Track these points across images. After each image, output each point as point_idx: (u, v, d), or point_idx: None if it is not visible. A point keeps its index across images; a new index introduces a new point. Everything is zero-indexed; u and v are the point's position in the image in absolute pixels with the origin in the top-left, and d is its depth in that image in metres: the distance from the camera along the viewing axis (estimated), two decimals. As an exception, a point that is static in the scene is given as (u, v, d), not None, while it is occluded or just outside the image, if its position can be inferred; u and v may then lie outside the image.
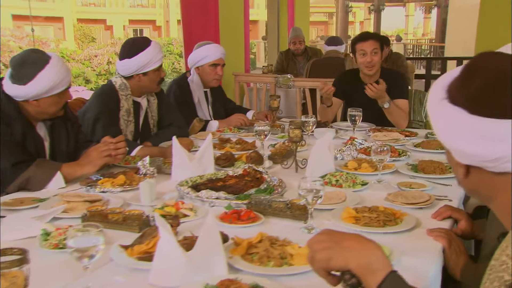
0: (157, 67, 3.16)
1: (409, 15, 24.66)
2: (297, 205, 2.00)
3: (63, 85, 2.48)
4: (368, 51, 3.73)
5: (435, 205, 2.09)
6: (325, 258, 1.05)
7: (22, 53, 2.48)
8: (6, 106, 2.42)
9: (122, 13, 35.24)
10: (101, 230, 1.41)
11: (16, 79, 2.41)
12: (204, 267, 1.51)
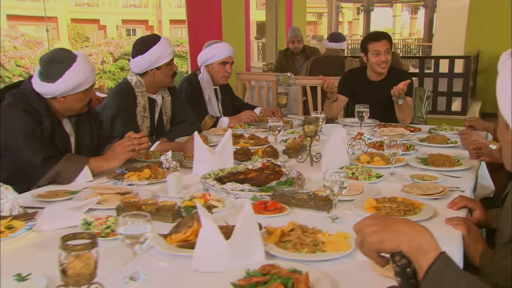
0: (169, 61, 3.21)
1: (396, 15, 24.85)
2: (320, 196, 2.05)
3: (89, 82, 2.52)
4: (382, 51, 3.80)
5: (448, 196, 2.16)
6: (377, 240, 1.11)
7: (50, 52, 2.51)
8: (36, 103, 2.46)
9: (115, 13, 35.10)
10: (149, 219, 1.45)
11: (45, 77, 2.44)
12: (243, 254, 1.56)
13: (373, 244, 1.12)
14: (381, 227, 1.12)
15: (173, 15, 33.75)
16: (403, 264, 1.09)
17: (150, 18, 35.53)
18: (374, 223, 1.14)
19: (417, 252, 1.06)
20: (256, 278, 1.43)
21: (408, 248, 1.07)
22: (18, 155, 2.40)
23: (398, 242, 1.08)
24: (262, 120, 3.82)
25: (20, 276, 1.48)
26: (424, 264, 1.05)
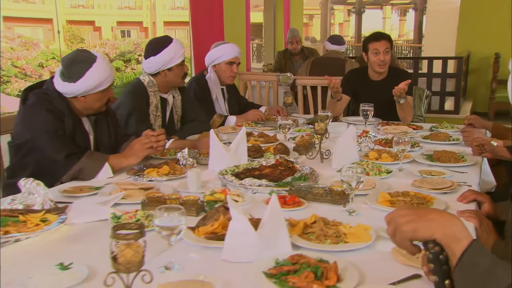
0: (180, 62, 3.25)
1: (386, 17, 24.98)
2: (335, 191, 2.10)
3: (108, 82, 2.55)
4: (381, 50, 3.86)
5: (457, 190, 2.22)
6: (411, 229, 1.16)
7: (72, 53, 2.55)
8: (58, 102, 2.49)
9: (110, 14, 34.95)
10: (183, 212, 1.49)
11: (66, 77, 2.48)
12: (271, 244, 1.60)
13: (407, 233, 1.16)
14: (415, 217, 1.17)
15: (167, 17, 33.68)
16: (436, 251, 1.14)
17: (145, 20, 35.41)
18: (407, 213, 1.19)
19: (451, 240, 1.11)
20: (286, 267, 1.48)
21: (441, 236, 1.12)
22: (42, 153, 2.43)
23: (432, 230, 1.13)
24: (268, 118, 3.87)
25: (62, 265, 1.52)
26: (458, 251, 1.10)
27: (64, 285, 1.42)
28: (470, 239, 1.10)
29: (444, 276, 1.13)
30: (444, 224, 1.13)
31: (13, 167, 2.55)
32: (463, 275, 1.09)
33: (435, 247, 1.14)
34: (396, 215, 1.21)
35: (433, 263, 1.14)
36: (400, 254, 1.59)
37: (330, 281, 1.40)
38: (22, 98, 2.50)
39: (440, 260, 1.14)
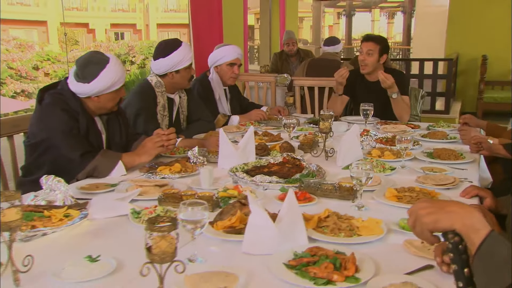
0: (188, 65, 3.28)
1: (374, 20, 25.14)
2: (344, 187, 2.15)
3: (120, 82, 2.58)
4: (364, 51, 3.92)
5: (459, 186, 2.27)
6: (432, 221, 1.20)
7: (86, 55, 2.57)
8: (72, 102, 2.51)
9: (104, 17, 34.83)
10: (206, 207, 1.53)
11: (81, 77, 2.50)
12: (289, 238, 1.65)
13: (428, 224, 1.21)
14: (436, 209, 1.21)
15: (160, 19, 33.65)
16: (456, 241, 1.18)
17: (138, 22, 35.34)
18: (427, 205, 1.23)
19: (470, 230, 1.15)
20: (306, 258, 1.52)
21: (461, 226, 1.16)
22: (58, 151, 2.45)
23: (452, 221, 1.17)
24: (270, 118, 3.91)
25: (91, 258, 1.55)
26: (477, 240, 1.14)
27: (94, 276, 1.45)
28: (488, 229, 1.15)
29: (463, 265, 1.17)
30: (463, 215, 1.17)
31: (29, 165, 2.57)
32: (481, 264, 1.13)
33: (454, 237, 1.18)
34: (417, 208, 1.25)
35: (453, 253, 1.19)
36: (412, 246, 1.64)
37: (349, 271, 1.45)
38: (38, 99, 2.53)
39: (460, 250, 1.18)
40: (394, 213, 1.95)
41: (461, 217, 1.17)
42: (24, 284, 1.42)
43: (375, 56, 3.93)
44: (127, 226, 1.88)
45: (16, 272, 1.42)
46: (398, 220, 1.84)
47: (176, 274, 1.23)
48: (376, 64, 3.96)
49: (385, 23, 25.81)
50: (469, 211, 1.18)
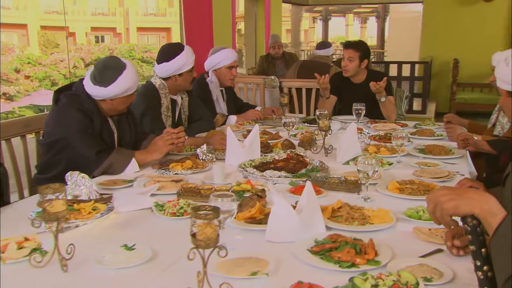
0: (190, 68, 3.33)
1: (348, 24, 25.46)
2: (350, 180, 2.24)
3: (135, 87, 2.62)
4: (346, 57, 4.05)
5: (454, 179, 2.38)
6: (453, 206, 1.29)
7: (104, 60, 2.60)
8: (87, 103, 2.55)
9: (84, 20, 34.41)
10: (234, 198, 1.60)
11: (98, 81, 2.53)
12: (309, 226, 1.73)
13: (449, 209, 1.30)
14: (456, 196, 1.30)
15: (140, 23, 33.41)
16: (474, 225, 1.28)
17: (118, 26, 35.06)
18: (448, 193, 1.32)
19: (488, 214, 1.25)
20: (328, 245, 1.61)
21: (479, 211, 1.26)
22: (74, 149, 2.49)
23: (472, 206, 1.27)
24: (266, 117, 3.99)
25: (127, 247, 1.61)
26: (494, 223, 1.24)
27: (134, 263, 1.51)
28: (504, 213, 1.24)
29: (481, 245, 1.27)
30: (481, 201, 1.27)
31: (45, 163, 2.60)
32: (498, 244, 1.23)
33: (473, 221, 1.28)
34: (437, 195, 1.34)
35: (471, 235, 1.28)
36: (421, 233, 1.74)
37: (369, 255, 1.53)
38: (54, 99, 2.56)
39: (478, 232, 1.27)
40: (398, 203, 2.05)
41: (480, 203, 1.26)
42: (70, 270, 1.48)
43: (356, 62, 4.05)
44: (151, 218, 1.94)
45: (63, 259, 1.48)
46: (405, 209, 1.94)
47: (224, 257, 1.30)
48: (358, 69, 4.08)
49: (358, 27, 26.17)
50: (486, 198, 1.28)
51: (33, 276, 1.47)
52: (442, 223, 1.35)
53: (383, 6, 15.15)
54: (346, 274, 1.44)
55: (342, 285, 1.37)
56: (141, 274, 1.48)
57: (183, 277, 1.45)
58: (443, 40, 9.35)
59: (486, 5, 9.27)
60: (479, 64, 9.32)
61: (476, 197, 1.28)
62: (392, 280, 1.32)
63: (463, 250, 1.57)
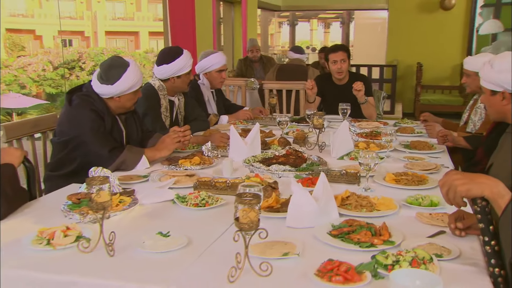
0: (188, 71, 3.42)
1: (312, 29, 25.82)
2: (350, 173, 2.38)
3: (139, 83, 2.71)
4: (338, 60, 4.21)
5: (440, 171, 2.55)
6: (465, 189, 1.44)
7: (108, 60, 2.67)
8: (98, 103, 2.61)
9: (51, 24, 33.70)
10: (261, 188, 1.71)
11: (105, 80, 2.60)
12: (325, 213, 1.86)
13: (462, 192, 1.44)
14: (468, 180, 1.45)
15: (108, 27, 32.98)
16: (484, 205, 1.43)
17: (86, 30, 34.52)
18: (461, 177, 1.47)
19: (497, 196, 1.40)
20: (345, 228, 1.74)
21: (489, 193, 1.41)
22: (87, 147, 2.55)
23: (482, 189, 1.42)
24: (256, 117, 4.11)
25: (162, 234, 1.70)
26: (502, 204, 1.39)
27: (173, 247, 1.61)
28: (510, 195, 1.40)
29: (489, 223, 1.42)
30: (491, 185, 1.42)
31: (58, 161, 2.65)
32: (506, 221, 1.38)
33: (482, 202, 1.43)
34: (451, 179, 1.48)
35: (480, 214, 1.43)
36: (424, 217, 1.89)
37: (384, 237, 1.67)
38: (67, 100, 2.61)
39: (486, 212, 1.43)
40: (395, 193, 2.20)
41: (490, 186, 1.42)
42: (116, 254, 1.57)
43: (347, 62, 4.24)
44: (174, 209, 2.04)
45: (109, 245, 1.56)
46: (405, 197, 2.09)
47: (264, 238, 1.41)
48: (348, 68, 4.27)
49: (322, 32, 26.57)
50: (495, 182, 1.43)
51: (82, 260, 1.55)
52: (454, 203, 1.50)
53: (347, 12, 15.50)
54: (366, 253, 1.58)
55: (365, 262, 1.50)
56: (181, 257, 1.57)
57: (220, 259, 1.56)
58: (407, 45, 9.69)
59: (445, 13, 9.66)
60: (440, 67, 9.72)
61: (486, 181, 1.43)
62: (411, 256, 1.46)
63: (464, 231, 1.73)
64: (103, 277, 1.45)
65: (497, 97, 2.02)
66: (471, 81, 3.52)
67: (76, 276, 1.46)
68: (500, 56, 2.02)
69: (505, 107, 2.04)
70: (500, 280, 1.42)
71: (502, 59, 1.98)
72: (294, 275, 1.46)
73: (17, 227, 1.83)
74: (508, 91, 1.95)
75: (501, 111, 2.08)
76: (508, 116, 2.09)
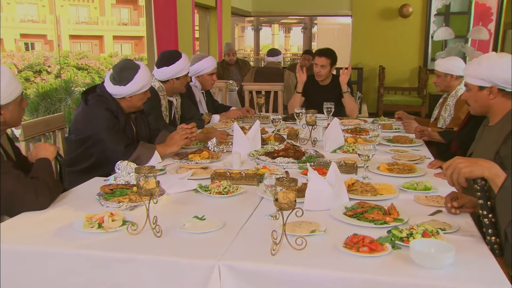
0: (186, 73, 3.55)
1: (274, 34, 26.21)
2: (348, 163, 2.58)
3: (149, 84, 2.83)
4: (319, 64, 4.43)
5: (424, 161, 2.78)
6: (469, 171, 1.65)
7: (120, 62, 2.76)
8: (112, 103, 2.72)
9: (13, 27, 32.87)
10: (283, 173, 1.88)
11: (117, 81, 2.71)
12: (338, 197, 2.04)
13: (465, 173, 1.65)
14: (470, 163, 1.66)
15: (72, 31, 32.39)
16: (483, 184, 1.65)
17: (49, 33, 33.78)
18: (464, 161, 1.68)
19: (494, 176, 1.62)
20: (359, 209, 1.93)
21: (489, 173, 1.63)
22: (104, 145, 2.65)
23: (483, 170, 1.63)
24: (245, 116, 4.27)
25: (198, 217, 1.85)
26: (499, 182, 1.61)
27: (212, 228, 1.76)
28: (505, 175, 1.62)
29: (487, 199, 1.64)
30: (489, 167, 1.64)
31: (75, 158, 2.73)
32: (502, 197, 1.60)
33: (481, 181, 1.65)
34: (456, 162, 1.69)
35: (480, 192, 1.65)
36: (422, 199, 2.11)
37: (394, 215, 1.87)
38: (83, 100, 2.71)
39: (485, 190, 1.64)
40: (390, 180, 2.40)
41: (488, 168, 1.64)
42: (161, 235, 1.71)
43: (328, 68, 4.47)
44: (197, 197, 2.18)
45: (156, 226, 1.70)
46: (401, 184, 2.30)
47: (300, 216, 1.59)
48: (328, 74, 4.48)
49: (283, 37, 27.01)
50: (492, 164, 1.65)
51: (133, 241, 1.68)
52: (456, 184, 1.71)
53: (309, 18, 15.85)
54: (381, 229, 1.77)
55: (383, 236, 1.69)
56: (221, 236, 1.72)
57: (254, 237, 1.72)
58: (370, 49, 10.06)
59: (403, 21, 10.07)
60: (401, 70, 10.12)
61: (485, 164, 1.65)
62: (422, 230, 1.66)
63: (459, 209, 1.94)
64: (157, 254, 1.59)
65: (485, 92, 2.21)
66: (441, 81, 3.81)
67: (133, 254, 1.59)
68: (486, 56, 2.24)
69: (491, 101, 2.24)
70: (496, 247, 1.64)
71: (489, 57, 2.20)
72: (324, 248, 1.63)
73: (60, 215, 1.94)
74: (497, 86, 2.16)
75: (486, 105, 2.28)
76: (491, 109, 2.31)
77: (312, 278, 1.49)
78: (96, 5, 34.21)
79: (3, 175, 1.89)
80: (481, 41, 9.62)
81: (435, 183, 2.30)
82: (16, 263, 1.63)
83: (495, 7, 9.45)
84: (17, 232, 1.76)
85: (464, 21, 10.01)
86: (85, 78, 18.41)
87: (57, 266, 1.61)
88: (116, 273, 1.58)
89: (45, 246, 1.64)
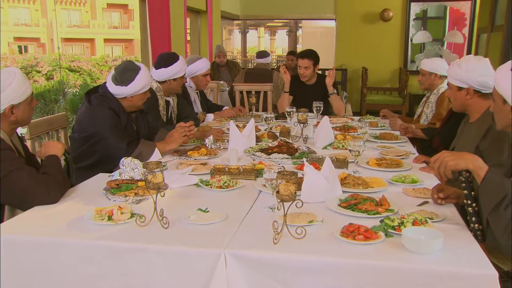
0: (183, 75, 3.58)
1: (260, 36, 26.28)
2: (339, 159, 2.63)
3: (149, 85, 2.86)
4: (302, 66, 4.49)
5: (410, 156, 2.85)
6: (454, 164, 1.71)
7: (122, 64, 2.79)
8: (114, 102, 2.74)
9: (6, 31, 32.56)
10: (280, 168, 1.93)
11: (119, 81, 2.74)
12: (332, 190, 2.09)
13: (452, 166, 1.72)
14: (456, 157, 1.72)
15: (65, 34, 32.14)
16: (467, 176, 1.71)
17: (42, 36, 33.51)
18: (450, 155, 1.74)
19: (478, 168, 1.68)
20: (352, 201, 1.98)
21: (473, 166, 1.69)
22: (107, 142, 2.67)
23: (467, 163, 1.70)
24: (239, 115, 4.32)
25: (201, 210, 1.89)
26: (482, 174, 1.67)
27: (216, 220, 1.80)
28: (487, 167, 1.68)
29: (471, 190, 1.70)
30: (473, 160, 1.70)
31: (79, 155, 2.75)
32: (484, 187, 1.66)
33: (466, 173, 1.71)
34: (442, 156, 1.75)
35: (465, 183, 1.71)
36: (409, 191, 2.17)
37: (385, 206, 1.93)
38: (86, 100, 2.73)
39: (469, 180, 1.71)
40: (378, 174, 2.46)
41: (472, 161, 1.70)
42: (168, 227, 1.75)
43: (311, 69, 4.52)
44: (199, 191, 2.22)
45: (164, 218, 1.74)
46: (390, 177, 2.36)
47: (300, 207, 1.63)
48: (312, 74, 4.54)
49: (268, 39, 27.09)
50: (476, 157, 1.71)
51: (142, 232, 1.72)
52: (442, 176, 1.77)
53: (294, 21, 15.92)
54: (374, 219, 1.83)
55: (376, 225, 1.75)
56: (224, 227, 1.77)
57: (256, 227, 1.77)
58: (354, 51, 10.17)
59: (385, 24, 10.19)
60: (382, 71, 10.24)
61: (470, 157, 1.72)
62: (412, 219, 1.72)
63: (444, 200, 2.01)
64: (167, 243, 1.63)
65: (463, 92, 2.33)
66: (426, 79, 3.90)
67: (143, 244, 1.63)
68: (466, 59, 2.33)
69: (468, 101, 2.35)
70: (479, 233, 1.71)
71: (468, 61, 2.29)
72: (322, 237, 1.68)
73: (70, 208, 1.97)
74: (472, 87, 2.25)
75: (464, 104, 2.39)
76: (469, 108, 2.41)
77: (312, 265, 1.54)
78: (87, 9, 33.98)
79: (16, 171, 1.91)
80: (456, 44, 9.86)
81: (421, 177, 2.37)
82: (33, 252, 1.66)
83: (469, 13, 9.74)
84: (32, 224, 1.79)
85: (440, 26, 10.25)
86: (77, 80, 18.35)
87: (72, 255, 1.64)
88: (127, 262, 1.62)
89: (60, 237, 1.68)
